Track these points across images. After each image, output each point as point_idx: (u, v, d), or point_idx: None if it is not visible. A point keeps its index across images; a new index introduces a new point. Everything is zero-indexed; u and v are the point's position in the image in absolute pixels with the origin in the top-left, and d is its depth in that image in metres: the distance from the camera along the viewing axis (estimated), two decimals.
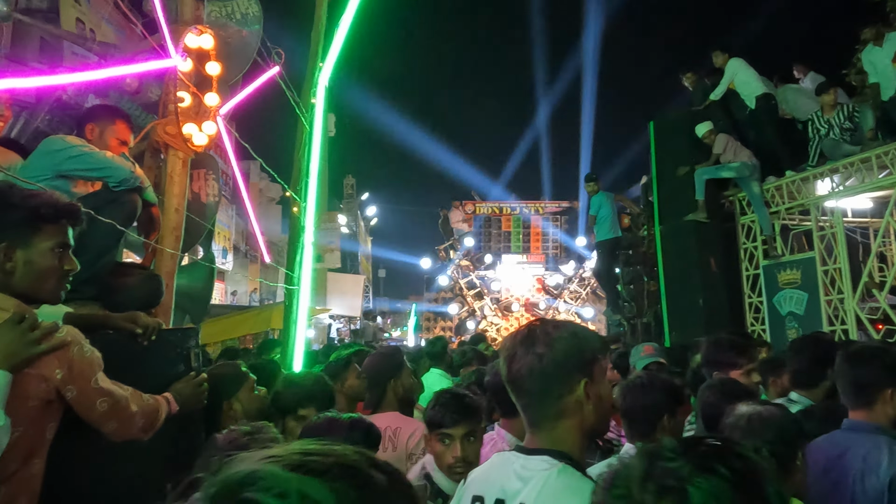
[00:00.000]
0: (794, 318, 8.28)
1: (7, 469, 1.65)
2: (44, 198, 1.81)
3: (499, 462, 1.59)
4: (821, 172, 8.02)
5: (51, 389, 1.71)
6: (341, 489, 0.58)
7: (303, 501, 0.56)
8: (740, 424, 2.02)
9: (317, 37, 6.26)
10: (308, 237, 5.67)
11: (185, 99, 3.40)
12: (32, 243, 1.76)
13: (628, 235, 11.12)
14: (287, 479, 0.58)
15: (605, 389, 1.52)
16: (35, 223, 1.77)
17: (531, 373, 1.48)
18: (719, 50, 9.48)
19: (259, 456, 0.62)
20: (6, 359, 1.58)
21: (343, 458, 0.62)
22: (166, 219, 3.52)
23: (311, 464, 0.60)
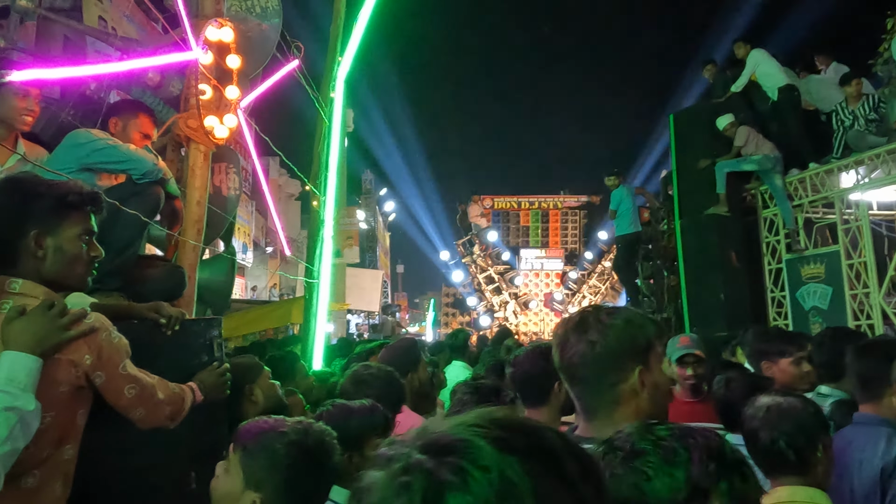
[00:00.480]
0: (817, 313, 8.15)
1: (40, 454, 1.67)
2: (70, 185, 1.84)
3: None
4: (845, 164, 7.88)
5: (80, 375, 1.74)
6: (537, 473, 0.60)
7: (502, 480, 0.59)
8: (759, 415, 2.01)
9: (336, 31, 6.29)
10: (328, 231, 5.71)
11: (207, 92, 3.44)
12: (61, 230, 1.79)
13: (648, 230, 11.03)
14: (490, 455, 0.60)
15: (660, 377, 1.49)
16: (62, 210, 1.79)
17: (584, 360, 1.45)
18: (741, 41, 9.35)
19: (459, 422, 0.65)
20: (37, 344, 1.60)
21: (543, 440, 0.65)
22: (188, 212, 3.56)
23: (513, 441, 0.62)
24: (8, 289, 1.74)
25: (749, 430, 2.02)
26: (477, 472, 0.59)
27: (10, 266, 1.76)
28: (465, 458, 0.61)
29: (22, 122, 2.98)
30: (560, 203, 24.45)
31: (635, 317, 1.51)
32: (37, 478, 1.68)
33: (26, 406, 1.53)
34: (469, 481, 0.59)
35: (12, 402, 1.51)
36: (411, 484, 0.61)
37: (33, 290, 1.75)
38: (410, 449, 0.65)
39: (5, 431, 1.47)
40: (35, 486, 1.67)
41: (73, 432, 1.79)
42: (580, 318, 1.51)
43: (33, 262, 1.76)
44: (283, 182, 27.21)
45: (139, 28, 5.85)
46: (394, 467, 0.64)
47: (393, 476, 0.63)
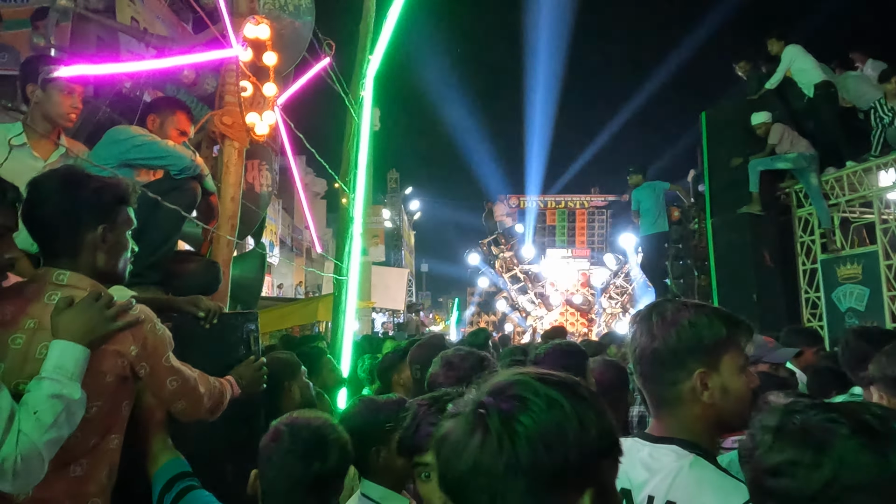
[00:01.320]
0: (854, 314, 7.96)
1: (87, 442, 1.70)
2: (122, 180, 1.92)
3: None
4: (884, 163, 7.68)
5: (126, 366, 1.76)
6: (567, 394, 0.88)
7: (549, 401, 0.86)
8: None
9: (365, 29, 6.29)
10: (357, 228, 5.73)
11: (248, 89, 3.46)
12: (118, 225, 1.86)
13: (678, 228, 10.87)
14: (538, 387, 0.88)
15: (733, 382, 1.40)
16: (121, 206, 1.87)
17: (643, 355, 1.42)
18: (775, 37, 9.17)
19: (512, 372, 0.93)
20: (85, 335, 1.62)
21: (566, 378, 0.92)
22: (222, 208, 3.58)
23: (549, 378, 0.90)
24: (56, 280, 1.77)
25: None
26: (533, 397, 0.86)
27: (69, 257, 1.79)
28: (522, 391, 0.87)
29: (67, 119, 3.03)
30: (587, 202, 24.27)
31: (710, 312, 1.44)
32: (84, 467, 1.70)
33: (73, 395, 1.55)
34: (529, 405, 0.85)
35: (60, 389, 1.53)
36: (486, 416, 0.85)
37: (80, 282, 1.78)
38: (475, 396, 0.90)
39: (51, 418, 1.50)
40: (82, 475, 1.70)
41: (119, 422, 1.81)
42: (648, 310, 1.47)
43: (93, 256, 1.81)
44: (308, 181, 27.45)
45: (170, 29, 5.93)
46: (466, 411, 0.88)
47: (468, 418, 0.87)
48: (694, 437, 1.40)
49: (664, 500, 1.31)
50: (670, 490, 1.31)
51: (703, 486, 1.30)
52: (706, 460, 1.36)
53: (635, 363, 1.46)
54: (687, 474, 1.32)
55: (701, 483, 1.30)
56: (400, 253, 31.99)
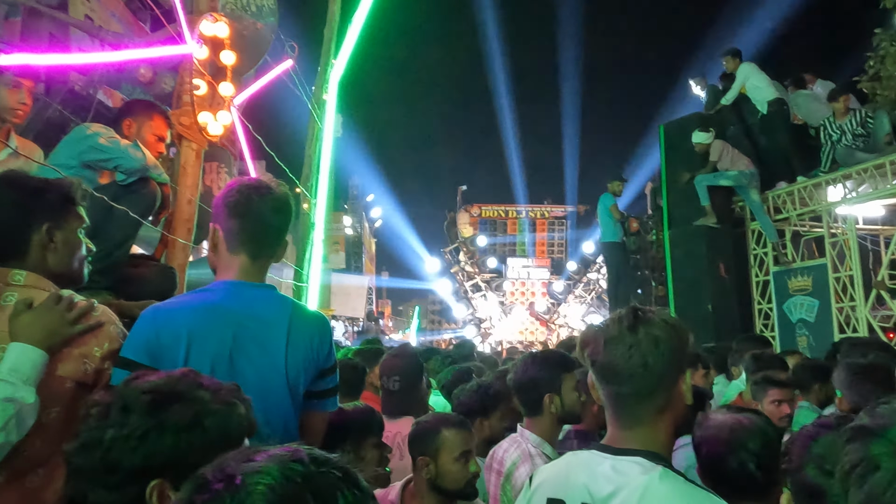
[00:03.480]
0: (804, 325, 8.20)
1: (46, 451, 1.60)
2: (71, 180, 1.88)
3: (578, 462, 1.44)
4: (833, 178, 7.95)
5: (90, 371, 1.68)
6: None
7: None
8: (722, 437, 1.83)
9: (330, 33, 6.25)
10: (318, 234, 5.64)
11: (201, 87, 3.37)
12: (67, 224, 1.81)
13: (636, 239, 11.04)
14: None
15: (688, 388, 1.43)
16: (67, 204, 1.82)
17: (644, 362, 1.35)
18: (730, 55, 9.43)
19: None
20: (45, 338, 1.57)
21: None
22: (179, 210, 3.48)
23: None
24: (11, 281, 1.71)
25: (710, 453, 1.84)
26: None
27: (17, 259, 1.74)
28: None
29: (14, 115, 2.90)
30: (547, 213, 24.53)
31: (676, 319, 1.44)
32: (41, 476, 1.60)
33: (26, 399, 1.49)
34: None
35: (13, 392, 1.47)
36: None
37: (39, 283, 1.73)
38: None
39: (1, 421, 1.43)
40: (40, 485, 1.60)
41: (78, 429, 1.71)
42: (635, 315, 1.40)
43: (42, 255, 1.76)
44: None
45: (126, 27, 5.78)
46: None
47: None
48: (658, 448, 1.38)
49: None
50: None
51: (676, 498, 1.27)
52: (674, 472, 1.34)
53: (625, 373, 1.37)
54: (658, 487, 1.28)
55: (673, 496, 1.27)
56: (361, 260, 31.76)
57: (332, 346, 1.90)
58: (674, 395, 1.40)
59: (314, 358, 1.84)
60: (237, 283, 1.81)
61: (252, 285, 1.82)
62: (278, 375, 1.75)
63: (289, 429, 1.79)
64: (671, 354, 1.37)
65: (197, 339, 1.70)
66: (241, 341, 1.73)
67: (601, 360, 1.40)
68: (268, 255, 1.87)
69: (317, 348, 1.84)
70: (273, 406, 1.74)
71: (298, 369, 1.79)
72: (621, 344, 1.37)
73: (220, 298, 1.78)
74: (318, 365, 1.86)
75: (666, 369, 1.37)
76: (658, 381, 1.37)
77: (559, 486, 1.42)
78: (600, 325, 1.47)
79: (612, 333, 1.40)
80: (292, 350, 1.77)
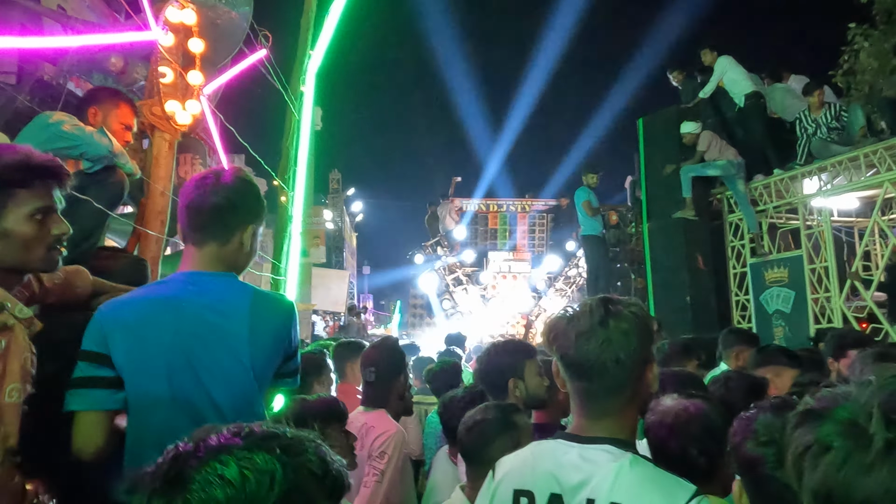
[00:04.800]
0: (780, 316, 8.31)
1: None
2: (8, 160, 1.60)
3: (542, 452, 1.43)
4: (808, 171, 8.05)
5: None
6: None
7: None
8: (667, 421, 1.84)
9: (307, 24, 6.17)
10: (296, 227, 5.58)
11: (168, 75, 3.29)
12: (5, 212, 1.59)
13: (616, 232, 11.11)
14: None
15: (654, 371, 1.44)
16: (4, 189, 1.59)
17: (617, 357, 1.34)
18: (708, 48, 9.50)
19: None
20: None
21: None
22: (152, 202, 3.42)
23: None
24: None
25: (656, 437, 1.86)
26: None
27: None
28: None
29: None
30: (528, 206, 24.55)
31: (644, 307, 1.46)
32: None
33: None
34: None
35: None
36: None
37: None
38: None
39: None
40: None
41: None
42: (605, 309, 1.38)
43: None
44: None
45: (100, 18, 5.67)
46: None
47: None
48: (625, 435, 1.38)
49: (607, 501, 1.27)
50: (612, 491, 1.27)
51: (647, 484, 1.27)
52: (642, 458, 1.34)
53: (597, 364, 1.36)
54: (628, 474, 1.28)
55: (644, 482, 1.27)
56: (342, 255, 31.58)
57: (296, 329, 1.87)
58: (641, 386, 1.40)
59: (280, 345, 1.81)
60: (192, 273, 1.79)
61: (208, 274, 1.79)
62: (241, 366, 1.71)
63: (257, 414, 1.76)
64: (641, 347, 1.37)
65: (146, 330, 1.67)
66: (199, 333, 1.69)
67: (571, 355, 1.38)
68: (214, 241, 1.80)
69: (283, 336, 1.81)
70: (239, 396, 1.71)
71: (264, 358, 1.76)
72: (593, 339, 1.35)
73: (173, 289, 1.77)
74: (285, 350, 1.82)
75: (636, 362, 1.37)
76: (629, 374, 1.37)
77: (525, 477, 1.41)
78: (569, 316, 1.43)
79: (583, 328, 1.38)
80: (255, 339, 1.73)
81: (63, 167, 1.70)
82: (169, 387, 1.67)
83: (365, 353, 3.17)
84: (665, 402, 1.90)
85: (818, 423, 0.80)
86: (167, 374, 1.67)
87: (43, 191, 1.64)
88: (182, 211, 1.82)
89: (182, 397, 1.67)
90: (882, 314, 7.24)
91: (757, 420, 1.57)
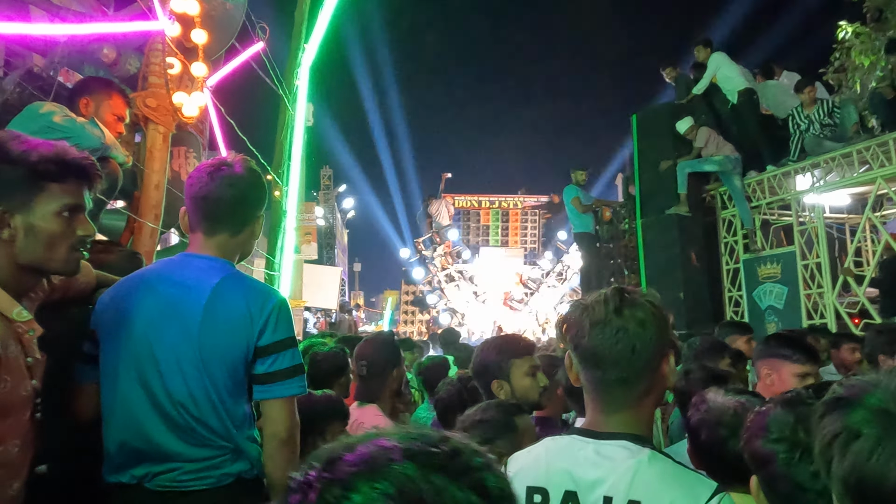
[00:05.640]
0: (773, 312, 8.34)
1: None
2: (45, 152, 1.53)
3: (556, 448, 1.40)
4: (801, 167, 8.07)
5: None
6: None
7: None
8: (725, 420, 1.77)
9: (301, 17, 6.11)
10: (290, 222, 5.54)
11: (175, 66, 3.24)
12: (34, 206, 1.51)
13: (609, 228, 11.12)
14: None
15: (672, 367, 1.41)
16: (36, 182, 1.51)
17: (633, 346, 1.31)
18: (702, 44, 9.51)
19: None
20: None
21: None
22: (146, 195, 3.37)
23: None
24: None
25: (711, 436, 1.78)
26: None
27: None
28: None
29: None
30: (520, 202, 24.59)
31: (659, 299, 1.41)
32: None
33: None
34: None
35: None
36: None
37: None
38: None
39: None
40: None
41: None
42: (620, 297, 1.35)
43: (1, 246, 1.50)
44: None
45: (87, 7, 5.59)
46: None
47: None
48: (642, 430, 1.35)
49: (625, 499, 1.24)
50: (631, 488, 1.24)
51: (668, 481, 1.24)
52: (661, 454, 1.31)
53: (614, 356, 1.33)
54: (647, 471, 1.25)
55: (664, 479, 1.24)
56: (333, 251, 31.48)
57: (275, 323, 1.77)
58: (657, 378, 1.37)
59: (242, 331, 1.73)
60: (186, 254, 1.84)
61: (198, 256, 1.82)
62: (190, 344, 1.70)
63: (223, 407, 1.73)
64: (657, 338, 1.33)
65: (119, 304, 1.77)
66: (158, 306, 1.74)
67: (585, 344, 1.35)
68: (227, 231, 1.83)
69: (246, 322, 1.73)
70: (192, 378, 1.70)
71: (217, 341, 1.71)
72: (608, 328, 1.32)
73: (158, 268, 1.85)
74: (250, 341, 1.74)
75: (653, 353, 1.33)
76: (645, 365, 1.33)
77: (539, 474, 1.37)
78: (583, 306, 1.40)
79: (598, 316, 1.34)
80: (209, 318, 1.70)
81: (98, 168, 1.64)
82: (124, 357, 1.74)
83: (358, 347, 3.14)
84: (716, 399, 1.84)
85: (847, 410, 0.78)
86: (125, 346, 1.74)
87: (75, 188, 1.57)
88: (194, 200, 1.82)
89: (135, 367, 1.73)
90: (874, 310, 7.28)
91: (769, 416, 1.55)
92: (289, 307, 1.86)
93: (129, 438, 1.74)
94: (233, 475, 1.75)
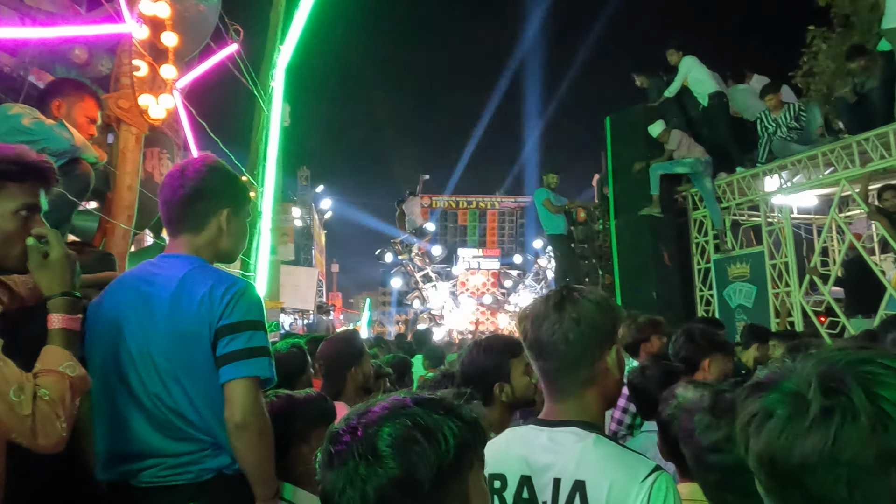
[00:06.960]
0: (743, 311, 8.52)
1: None
2: (6, 153, 1.60)
3: (515, 437, 1.52)
4: (770, 169, 8.26)
5: None
6: None
7: None
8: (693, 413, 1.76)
9: (276, 18, 6.11)
10: (266, 223, 5.54)
11: (141, 68, 3.25)
12: None
13: (584, 229, 11.24)
14: None
15: (621, 361, 1.53)
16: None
17: (566, 338, 1.45)
18: (673, 48, 9.67)
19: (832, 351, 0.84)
20: None
21: None
22: (118, 196, 3.37)
23: None
24: None
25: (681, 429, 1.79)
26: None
27: None
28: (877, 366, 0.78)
29: None
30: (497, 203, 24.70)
31: (608, 296, 1.54)
32: None
33: None
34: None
35: None
36: (845, 394, 0.76)
37: None
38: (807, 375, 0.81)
39: None
40: None
41: None
42: (561, 295, 1.50)
43: None
44: None
45: (59, 8, 5.53)
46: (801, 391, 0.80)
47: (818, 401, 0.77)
48: (590, 417, 1.48)
49: (572, 479, 1.35)
50: (577, 469, 1.35)
51: (610, 461, 1.36)
52: (606, 438, 1.43)
53: (550, 346, 1.47)
54: (592, 453, 1.37)
55: (607, 459, 1.36)
56: (310, 252, 31.33)
57: (234, 305, 1.77)
58: (599, 370, 1.48)
59: (205, 317, 1.75)
60: (162, 255, 1.93)
61: (172, 255, 1.89)
62: (159, 335, 1.75)
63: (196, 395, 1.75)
64: (592, 331, 1.46)
65: (102, 309, 1.85)
66: (134, 304, 1.81)
67: (530, 337, 1.50)
68: (187, 231, 1.90)
69: (207, 307, 1.75)
70: (163, 369, 1.74)
71: (183, 328, 1.74)
72: (547, 321, 1.47)
73: (137, 269, 1.94)
74: (212, 324, 1.75)
75: (587, 344, 1.46)
76: (580, 355, 1.46)
77: (499, 461, 1.46)
78: (533, 303, 1.58)
79: (540, 311, 1.50)
80: (175, 306, 1.75)
81: (55, 172, 1.70)
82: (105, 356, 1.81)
83: (319, 347, 3.23)
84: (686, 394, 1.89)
85: (765, 392, 0.86)
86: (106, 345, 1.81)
87: (32, 189, 1.64)
88: (160, 206, 1.94)
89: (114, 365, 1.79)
90: (839, 308, 7.48)
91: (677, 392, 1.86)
92: (254, 293, 1.86)
93: (114, 436, 1.78)
94: (213, 470, 1.76)
